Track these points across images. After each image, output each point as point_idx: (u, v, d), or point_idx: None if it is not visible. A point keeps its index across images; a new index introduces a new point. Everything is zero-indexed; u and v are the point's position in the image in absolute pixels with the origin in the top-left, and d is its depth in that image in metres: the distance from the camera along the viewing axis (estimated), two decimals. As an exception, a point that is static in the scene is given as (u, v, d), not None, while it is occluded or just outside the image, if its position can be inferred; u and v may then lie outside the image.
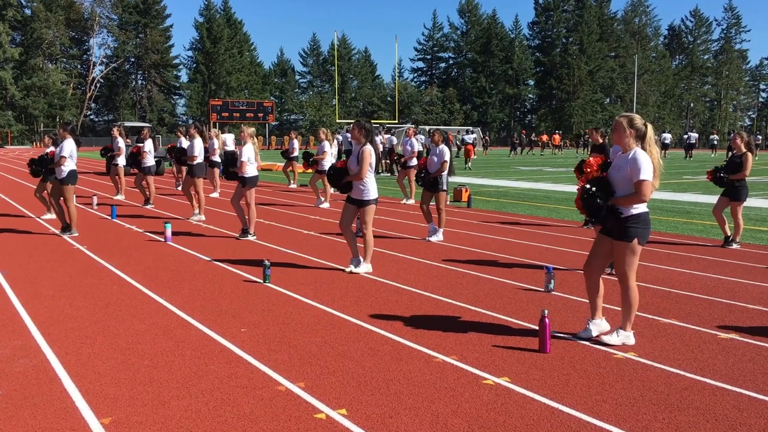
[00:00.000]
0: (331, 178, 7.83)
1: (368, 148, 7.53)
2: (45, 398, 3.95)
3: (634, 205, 4.84)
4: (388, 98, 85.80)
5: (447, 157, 9.81)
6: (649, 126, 4.92)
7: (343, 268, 7.80)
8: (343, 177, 7.68)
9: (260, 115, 58.88)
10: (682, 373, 4.43)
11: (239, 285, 6.99)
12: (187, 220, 12.06)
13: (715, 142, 49.86)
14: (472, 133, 41.78)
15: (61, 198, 10.32)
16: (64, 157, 9.97)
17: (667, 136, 47.69)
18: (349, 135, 12.57)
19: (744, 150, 9.27)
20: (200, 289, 6.77)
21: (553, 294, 6.63)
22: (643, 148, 4.85)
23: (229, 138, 25.58)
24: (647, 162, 4.78)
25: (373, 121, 61.57)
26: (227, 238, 10.11)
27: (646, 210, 4.92)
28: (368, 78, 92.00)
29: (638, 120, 4.90)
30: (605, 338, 5.00)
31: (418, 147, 16.71)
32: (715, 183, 9.51)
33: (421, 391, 4.08)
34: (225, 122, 58.68)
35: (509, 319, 5.74)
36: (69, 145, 10.09)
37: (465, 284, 7.08)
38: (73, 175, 10.17)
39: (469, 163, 32.11)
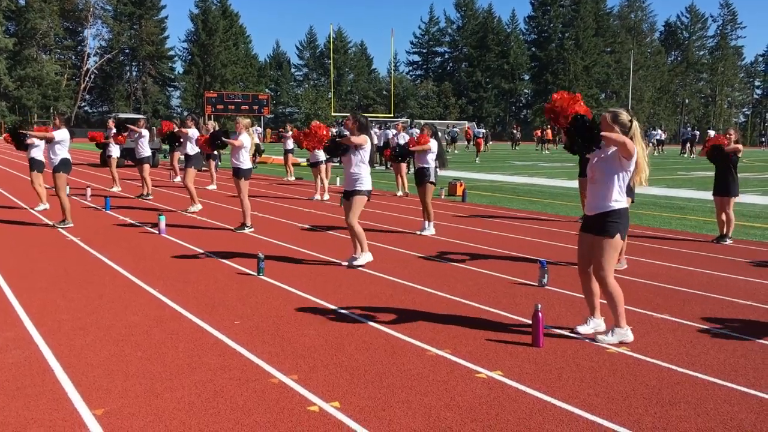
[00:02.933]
0: (328, 149, 7.81)
1: (365, 135, 7.52)
2: (37, 389, 3.94)
3: (615, 199, 4.83)
4: (384, 92, 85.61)
5: (433, 148, 9.89)
6: (635, 121, 4.90)
7: (338, 261, 7.80)
8: (338, 146, 7.61)
9: (255, 107, 58.72)
10: (674, 367, 4.45)
11: (233, 277, 6.99)
12: (182, 213, 12.04)
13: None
14: (482, 127, 42.39)
15: (53, 188, 10.27)
16: (53, 135, 9.98)
17: (656, 133, 47.41)
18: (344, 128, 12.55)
19: (733, 145, 9.37)
20: (194, 282, 6.76)
21: (546, 288, 6.64)
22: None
23: (255, 131, 25.48)
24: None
25: (368, 115, 61.51)
26: (222, 231, 10.09)
27: (626, 206, 4.94)
28: (364, 71, 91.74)
29: (624, 115, 4.87)
30: (601, 338, 4.98)
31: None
32: (711, 154, 9.46)
33: (414, 384, 4.09)
34: (220, 114, 58.49)
35: (502, 313, 5.75)
36: (62, 133, 10.09)
37: (459, 278, 7.09)
38: (65, 163, 10.14)
39: (477, 158, 32.74)
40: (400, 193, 15.78)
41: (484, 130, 41.70)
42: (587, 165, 5.17)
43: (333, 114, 58.60)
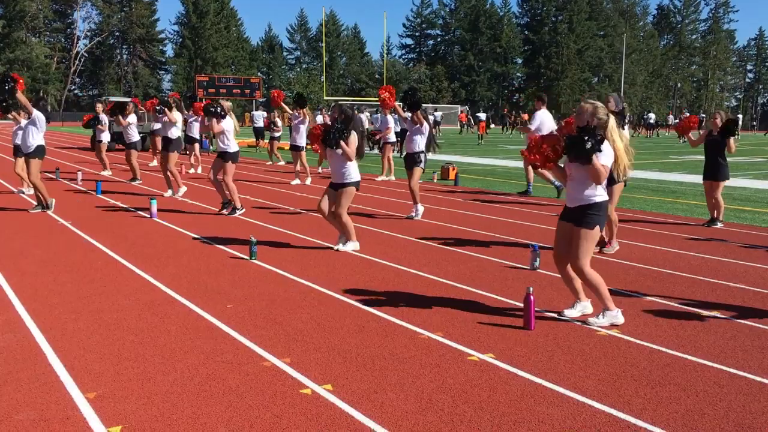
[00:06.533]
0: (325, 139, 7.35)
1: (353, 134, 7.39)
2: (29, 373, 3.94)
3: (596, 193, 4.86)
4: (377, 75, 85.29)
5: (424, 131, 9.86)
6: (611, 116, 4.92)
7: (330, 245, 7.80)
8: (332, 133, 7.26)
9: (247, 91, 58.36)
10: (664, 349, 4.48)
11: (225, 261, 6.98)
12: (173, 197, 11.99)
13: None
14: (484, 111, 44.26)
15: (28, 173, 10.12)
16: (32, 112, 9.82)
17: (648, 117, 48.56)
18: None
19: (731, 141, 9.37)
20: (186, 266, 6.75)
21: (538, 272, 6.67)
22: (605, 137, 4.83)
23: (258, 115, 25.33)
24: (608, 149, 4.77)
25: (360, 99, 61.28)
26: (213, 215, 10.06)
27: (606, 198, 4.96)
28: (357, 55, 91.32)
29: (602, 111, 4.86)
30: (592, 320, 5.01)
31: (392, 124, 16.58)
32: (726, 130, 9.29)
33: (407, 367, 4.10)
34: (211, 98, 58.11)
35: (494, 296, 5.77)
36: (36, 113, 9.92)
37: (451, 262, 7.11)
38: (40, 150, 9.95)
39: (482, 140, 33.39)
40: (383, 178, 15.67)
41: (486, 114, 43.13)
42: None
43: (325, 98, 58.30)
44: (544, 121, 11.99)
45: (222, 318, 5.04)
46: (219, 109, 9.72)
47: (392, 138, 16.66)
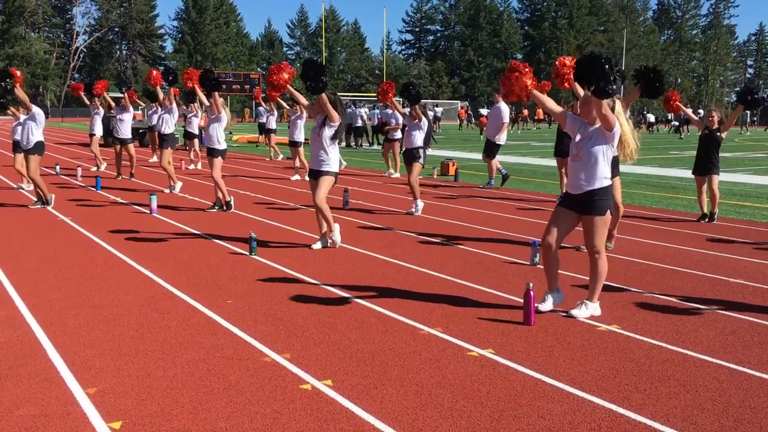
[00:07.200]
0: (305, 75, 7.13)
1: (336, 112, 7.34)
2: (30, 368, 3.94)
3: (601, 176, 4.87)
4: (376, 71, 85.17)
5: (424, 126, 9.90)
6: (618, 101, 4.92)
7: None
8: (317, 72, 7.07)
9: (247, 86, 58.27)
10: (663, 345, 4.48)
11: (225, 257, 6.98)
12: (173, 193, 11.99)
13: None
14: (486, 108, 45.27)
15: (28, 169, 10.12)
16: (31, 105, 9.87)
17: (649, 116, 49.15)
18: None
19: (718, 126, 9.41)
20: (186, 261, 6.75)
21: (538, 267, 6.66)
22: None
23: (262, 110, 25.24)
24: (619, 112, 4.85)
25: (360, 94, 61.15)
26: (213, 211, 10.05)
27: (611, 183, 5.00)
28: (356, 50, 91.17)
29: None
30: (574, 312, 5.04)
31: (401, 120, 16.57)
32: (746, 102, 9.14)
33: (406, 363, 4.11)
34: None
35: (494, 292, 5.77)
36: (35, 108, 9.96)
37: (451, 257, 7.11)
38: (40, 146, 10.00)
39: (482, 135, 33.67)
40: (396, 174, 15.68)
41: (488, 111, 43.92)
42: (569, 143, 5.18)
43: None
44: (503, 111, 13.48)
45: (222, 313, 5.05)
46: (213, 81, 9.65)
47: (398, 135, 16.62)
